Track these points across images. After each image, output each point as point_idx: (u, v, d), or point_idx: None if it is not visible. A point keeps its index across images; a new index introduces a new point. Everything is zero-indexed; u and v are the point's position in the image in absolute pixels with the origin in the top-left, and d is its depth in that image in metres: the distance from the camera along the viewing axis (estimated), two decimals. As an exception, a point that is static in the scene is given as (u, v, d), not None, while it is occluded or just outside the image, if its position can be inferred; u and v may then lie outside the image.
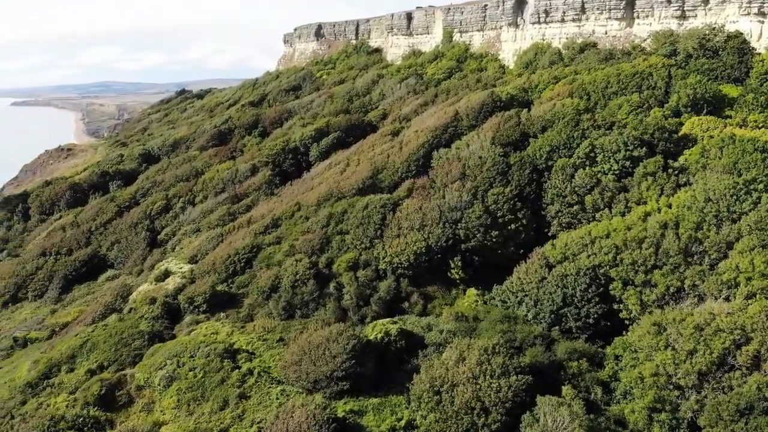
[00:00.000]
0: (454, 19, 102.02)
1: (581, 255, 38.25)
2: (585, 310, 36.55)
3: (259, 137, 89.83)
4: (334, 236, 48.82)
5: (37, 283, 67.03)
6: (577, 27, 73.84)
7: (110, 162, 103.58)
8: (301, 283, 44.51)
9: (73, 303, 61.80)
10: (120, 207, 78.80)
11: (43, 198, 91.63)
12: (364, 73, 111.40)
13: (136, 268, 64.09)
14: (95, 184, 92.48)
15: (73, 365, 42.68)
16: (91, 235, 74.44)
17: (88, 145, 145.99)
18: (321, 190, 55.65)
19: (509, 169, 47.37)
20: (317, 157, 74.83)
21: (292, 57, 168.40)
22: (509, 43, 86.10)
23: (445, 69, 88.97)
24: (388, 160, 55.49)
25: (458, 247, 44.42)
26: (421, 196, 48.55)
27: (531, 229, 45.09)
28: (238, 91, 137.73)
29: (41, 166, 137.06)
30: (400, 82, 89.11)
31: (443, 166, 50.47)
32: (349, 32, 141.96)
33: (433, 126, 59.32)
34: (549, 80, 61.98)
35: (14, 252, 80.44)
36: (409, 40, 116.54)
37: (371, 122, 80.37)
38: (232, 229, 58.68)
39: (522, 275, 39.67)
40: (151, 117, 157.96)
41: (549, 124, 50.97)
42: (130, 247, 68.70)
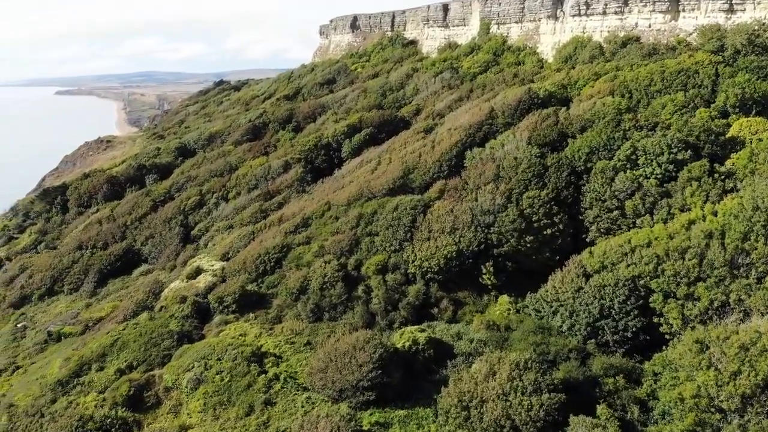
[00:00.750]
0: (492, 10, 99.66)
1: (620, 264, 36.55)
2: (623, 323, 34.95)
3: (292, 132, 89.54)
4: (363, 237, 48.05)
5: (73, 277, 68.14)
6: (620, 20, 71.04)
7: (147, 155, 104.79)
8: (329, 285, 43.91)
9: (108, 297, 62.59)
10: (155, 201, 79.54)
11: (81, 190, 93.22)
12: (399, 66, 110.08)
13: (169, 264, 64.53)
14: (132, 178, 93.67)
15: (104, 364, 43.01)
16: (126, 229, 75.32)
17: (127, 137, 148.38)
18: (351, 190, 54.87)
19: (546, 170, 45.71)
20: (349, 153, 74.19)
21: (327, 49, 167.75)
22: (548, 36, 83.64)
23: (481, 63, 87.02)
24: (419, 160, 54.31)
25: (490, 252, 43.11)
26: (452, 198, 47.30)
27: (568, 234, 43.44)
28: (274, 84, 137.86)
29: (81, 158, 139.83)
30: (434, 77, 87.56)
31: (476, 167, 49.08)
32: (384, 24, 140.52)
33: (467, 124, 57.84)
34: (589, 76, 59.71)
35: (52, 244, 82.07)
36: (445, 32, 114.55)
37: (404, 118, 79.15)
38: (264, 227, 58.46)
39: (557, 284, 38.18)
40: (188, 109, 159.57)
41: (588, 123, 49.00)
42: (164, 242, 69.23)
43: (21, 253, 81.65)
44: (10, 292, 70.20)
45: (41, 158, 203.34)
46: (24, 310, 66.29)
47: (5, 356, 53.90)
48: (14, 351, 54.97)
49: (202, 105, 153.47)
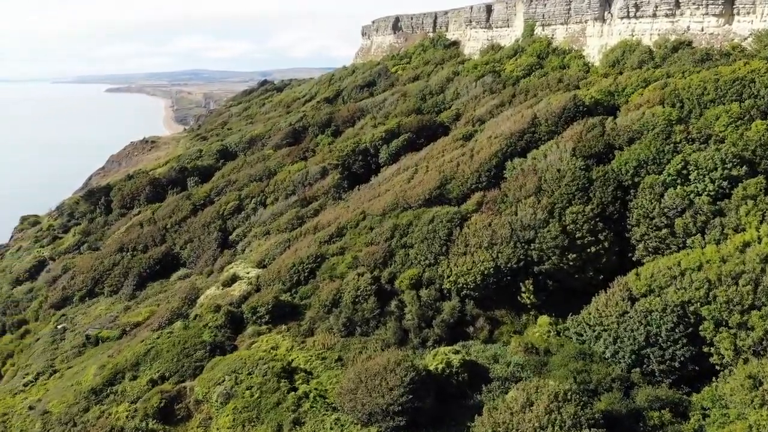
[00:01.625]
0: (536, 11, 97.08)
1: (669, 288, 34.43)
2: (670, 352, 32.87)
3: (331, 136, 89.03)
4: (397, 250, 46.90)
5: (113, 279, 69.06)
6: (671, 23, 67.86)
7: (189, 157, 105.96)
8: (362, 299, 42.95)
9: (146, 301, 63.14)
10: (195, 205, 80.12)
11: (124, 192, 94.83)
12: (440, 69, 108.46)
13: (207, 269, 64.74)
14: (174, 180, 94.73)
15: (137, 373, 43.09)
16: (166, 232, 76.03)
17: (171, 137, 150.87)
18: (387, 199, 53.81)
19: (591, 184, 43.66)
20: (387, 159, 73.19)
21: (369, 50, 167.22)
22: (595, 38, 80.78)
23: (524, 66, 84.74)
24: (457, 169, 52.82)
25: (530, 270, 41.38)
26: (491, 211, 45.70)
27: (613, 252, 41.36)
28: (315, 86, 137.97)
29: (127, 157, 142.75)
30: (475, 80, 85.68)
31: (517, 179, 47.32)
32: (426, 25, 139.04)
33: (508, 132, 56.03)
34: (638, 83, 57.06)
35: (94, 245, 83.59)
36: (488, 34, 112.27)
37: (443, 123, 77.70)
38: (299, 235, 57.98)
39: (601, 307, 36.27)
40: (231, 110, 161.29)
41: (637, 135, 46.60)
42: (202, 247, 69.55)
43: (64, 254, 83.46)
44: (52, 293, 71.72)
45: (89, 156, 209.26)
46: (65, 311, 67.54)
47: (44, 359, 54.83)
48: (53, 354, 55.87)
49: (245, 106, 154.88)
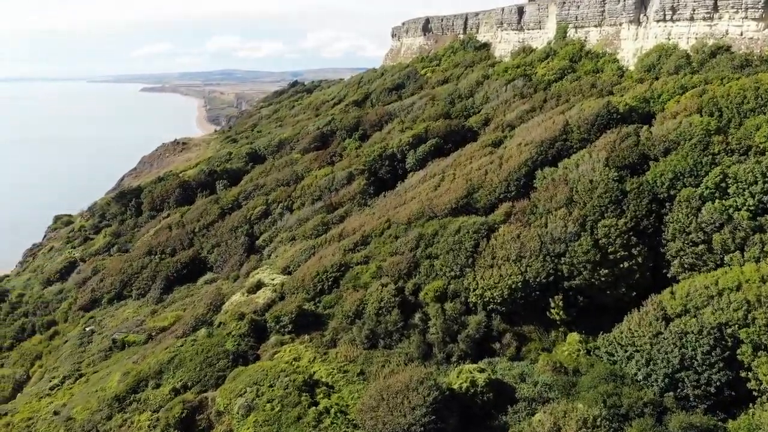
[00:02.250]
0: (569, 13, 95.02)
1: (705, 309, 32.86)
2: (706, 376, 31.34)
3: (358, 141, 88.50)
4: (422, 260, 45.99)
5: (141, 282, 69.66)
6: (708, 26, 65.41)
7: (219, 159, 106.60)
8: (385, 311, 42.18)
9: (173, 305, 63.46)
10: (223, 209, 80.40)
11: (154, 194, 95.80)
12: (470, 71, 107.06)
13: (233, 274, 64.74)
14: (203, 183, 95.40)
15: (160, 381, 43.03)
16: (194, 236, 76.43)
17: (201, 139, 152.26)
18: (412, 207, 52.92)
19: (624, 196, 42.14)
20: (413, 164, 72.30)
21: (398, 52, 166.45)
22: (629, 41, 78.56)
23: (556, 69, 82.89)
24: (485, 178, 51.65)
25: (560, 285, 40.08)
26: (519, 223, 44.46)
27: (647, 268, 39.80)
28: (344, 89, 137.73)
29: (158, 158, 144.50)
30: (506, 84, 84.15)
31: (547, 189, 45.98)
32: (457, 27, 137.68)
33: (539, 139, 54.61)
34: (674, 90, 55.04)
35: (124, 247, 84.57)
36: (520, 36, 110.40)
37: (472, 128, 76.38)
38: (324, 242, 57.49)
39: (633, 326, 34.85)
40: (261, 112, 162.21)
41: (673, 145, 44.81)
42: (229, 252, 69.66)
43: (95, 255, 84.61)
44: (81, 295, 72.72)
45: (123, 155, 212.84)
46: (93, 313, 68.38)
47: (70, 362, 55.43)
48: (80, 357, 56.47)
49: (274, 108, 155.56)
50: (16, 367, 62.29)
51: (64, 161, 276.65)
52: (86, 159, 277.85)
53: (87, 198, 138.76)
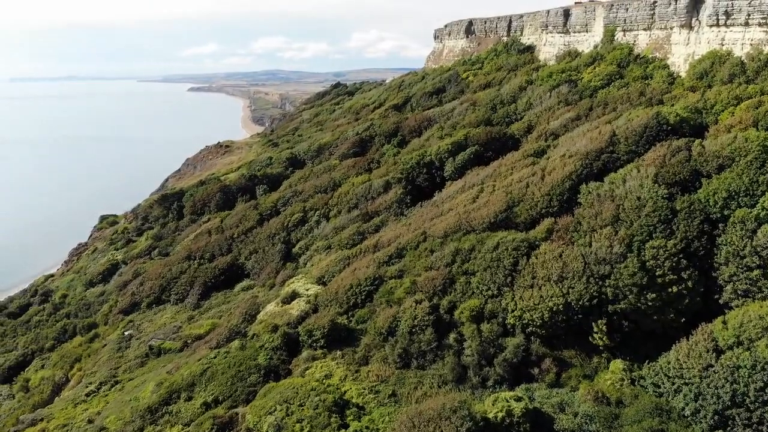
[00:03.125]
0: (617, 16, 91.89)
1: (760, 342, 30.60)
2: (758, 415, 29.17)
3: (397, 147, 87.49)
4: (458, 277, 44.56)
5: (180, 287, 70.18)
6: (765, 33, 61.84)
7: (259, 164, 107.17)
8: (419, 329, 40.94)
9: (209, 311, 63.65)
10: (262, 215, 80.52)
11: (196, 198, 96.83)
12: (513, 76, 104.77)
13: (269, 281, 64.64)
14: (243, 187, 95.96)
15: (192, 393, 42.84)
16: (233, 242, 76.69)
17: (244, 142, 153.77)
18: (449, 220, 51.50)
19: (674, 216, 39.87)
20: (452, 172, 70.82)
21: (441, 54, 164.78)
22: (680, 46, 75.23)
23: (603, 75, 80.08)
24: (526, 191, 49.86)
25: (604, 308, 38.14)
26: (562, 240, 42.61)
27: (697, 293, 37.52)
28: (384, 93, 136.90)
29: (202, 161, 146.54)
30: (550, 90, 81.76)
31: (592, 205, 43.96)
32: (500, 29, 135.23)
33: (584, 150, 52.52)
34: (728, 100, 52.18)
35: (165, 250, 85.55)
36: (565, 39, 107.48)
37: (514, 135, 74.41)
38: (359, 253, 56.65)
39: (682, 357, 32.77)
40: (303, 115, 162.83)
41: (727, 162, 42.26)
42: (266, 259, 69.56)
43: (136, 258, 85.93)
44: (122, 298, 73.75)
45: (171, 154, 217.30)
46: (132, 317, 69.19)
47: (108, 367, 56.02)
48: (117, 362, 57.04)
49: (316, 112, 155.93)
50: (56, 369, 63.43)
51: (113, 161, 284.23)
52: (134, 159, 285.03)
53: (133, 198, 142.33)
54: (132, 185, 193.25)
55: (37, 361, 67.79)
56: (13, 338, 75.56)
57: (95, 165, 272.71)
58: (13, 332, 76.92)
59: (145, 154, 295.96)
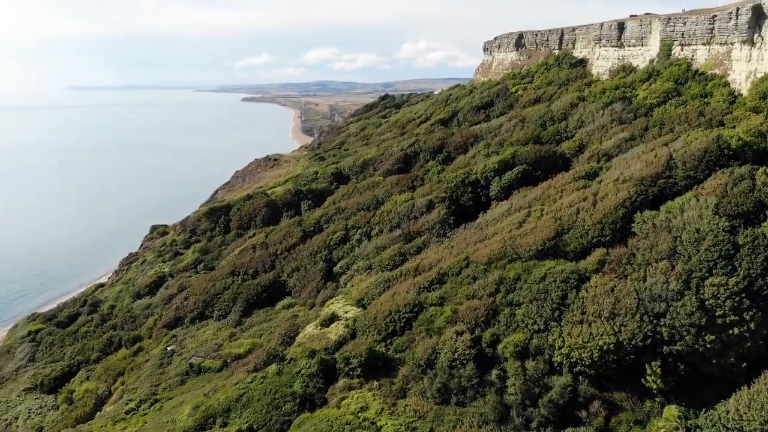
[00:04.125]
0: (675, 30, 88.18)
1: (837, 398, 27.77)
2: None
3: (441, 164, 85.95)
4: (502, 308, 42.68)
5: (223, 303, 70.30)
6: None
7: (305, 179, 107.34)
8: (459, 363, 39.31)
9: (251, 329, 63.43)
10: (305, 231, 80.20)
11: (242, 212, 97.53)
12: (564, 90, 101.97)
13: (309, 301, 64.06)
14: (288, 202, 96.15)
15: (227, 419, 42.37)
16: (276, 258, 76.56)
17: (292, 155, 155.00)
18: (494, 246, 49.64)
19: (737, 251, 37.10)
20: (498, 192, 68.84)
21: (490, 66, 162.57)
22: (742, 63, 71.26)
23: (659, 92, 76.70)
24: (576, 218, 47.61)
25: (658, 349, 35.69)
26: (614, 273, 40.28)
27: (761, 336, 34.67)
28: (431, 107, 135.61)
29: (250, 174, 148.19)
30: (603, 108, 78.81)
31: (647, 236, 41.47)
32: (552, 42, 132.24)
33: (639, 175, 49.91)
34: (798, 123, 48.75)
35: (210, 264, 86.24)
36: (619, 53, 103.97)
37: (564, 155, 71.83)
38: (399, 275, 55.40)
39: (742, 407, 30.17)
40: (350, 128, 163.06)
41: (797, 192, 39.24)
42: (307, 277, 69.01)
43: (182, 271, 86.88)
44: (166, 312, 74.42)
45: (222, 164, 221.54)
46: (176, 331, 69.61)
47: (148, 384, 56.25)
48: (158, 379, 57.26)
49: (362, 125, 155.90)
50: (99, 381, 64.30)
51: (167, 169, 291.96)
52: (186, 167, 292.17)
53: (186, 206, 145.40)
54: (184, 194, 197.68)
55: (83, 372, 68.94)
56: (61, 348, 77.25)
57: (151, 173, 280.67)
58: (61, 342, 78.66)
59: (198, 163, 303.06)
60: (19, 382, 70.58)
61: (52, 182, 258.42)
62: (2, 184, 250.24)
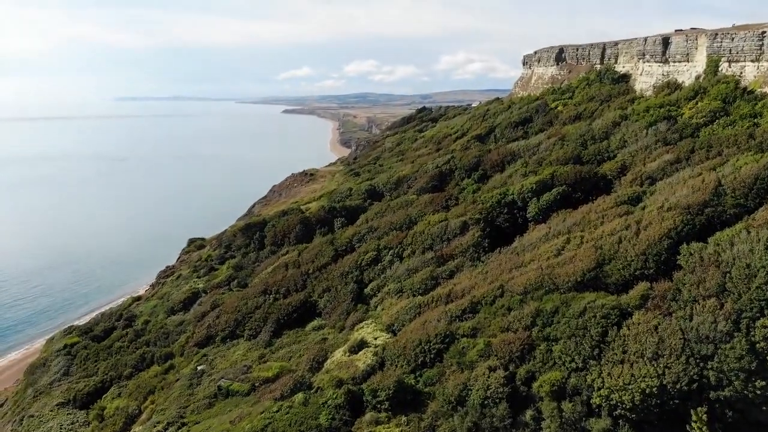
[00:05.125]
0: (722, 46, 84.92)
1: None
2: None
3: (477, 182, 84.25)
4: (539, 343, 40.72)
5: (254, 323, 69.83)
6: None
7: (339, 195, 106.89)
8: (492, 402, 37.50)
9: (280, 351, 62.73)
10: (337, 250, 79.38)
11: (277, 229, 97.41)
12: (605, 107, 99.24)
13: (339, 324, 63.04)
14: (322, 219, 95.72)
15: (251, 450, 41.41)
16: (307, 277, 75.88)
17: (327, 170, 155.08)
18: (530, 275, 47.70)
19: (791, 290, 34.56)
20: (536, 214, 66.82)
21: (529, 80, 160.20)
22: (798, 81, 67.90)
23: (706, 112, 73.59)
24: (618, 247, 45.37)
25: (705, 394, 33.31)
26: (658, 310, 37.98)
27: (819, 385, 32.06)
28: (467, 122, 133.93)
29: (287, 188, 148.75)
30: (646, 128, 75.96)
31: (694, 271, 39.06)
32: (593, 56, 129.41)
33: (685, 203, 47.42)
34: None
35: (243, 281, 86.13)
36: (664, 68, 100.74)
37: (605, 176, 69.36)
38: (431, 301, 53.89)
39: (801, 466, 27.66)
40: (385, 143, 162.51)
41: None
42: (338, 299, 68.05)
43: (216, 288, 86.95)
44: (198, 330, 74.34)
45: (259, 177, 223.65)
46: (206, 350, 69.38)
47: (177, 405, 55.83)
48: (186, 400, 56.80)
49: (398, 140, 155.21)
50: (130, 399, 64.34)
51: (207, 180, 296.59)
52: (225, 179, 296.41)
53: (223, 220, 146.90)
54: (223, 206, 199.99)
55: (115, 388, 69.16)
56: (95, 362, 77.86)
57: (191, 183, 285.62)
58: (95, 356, 79.32)
59: (236, 174, 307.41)
60: (52, 396, 71.29)
61: (97, 192, 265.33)
62: (49, 195, 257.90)
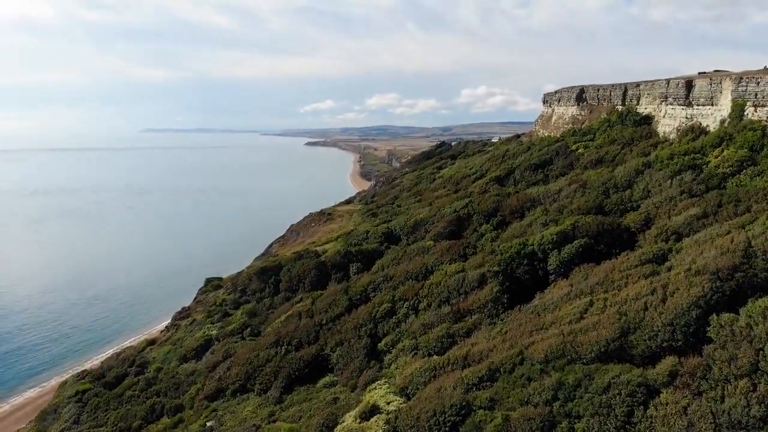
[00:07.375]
0: (747, 90, 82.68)
1: None
2: None
3: (495, 229, 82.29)
4: (560, 419, 38.20)
5: (264, 377, 68.03)
6: None
7: (356, 238, 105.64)
8: (510, 487, 35.06)
9: (290, 409, 60.71)
10: (351, 300, 77.63)
11: (292, 274, 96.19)
12: (627, 151, 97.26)
13: (351, 382, 60.93)
14: (338, 264, 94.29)
15: None
16: (320, 329, 74.11)
17: (345, 210, 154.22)
18: (551, 340, 45.31)
19: (834, 374, 31.90)
20: (557, 266, 64.44)
21: (549, 119, 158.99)
22: (831, 130, 65.32)
23: (732, 161, 71.15)
24: (644, 315, 42.91)
25: (740, 489, 30.60)
26: (688, 389, 35.37)
27: None
28: (486, 162, 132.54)
29: (305, 228, 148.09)
30: (671, 177, 73.62)
31: (725, 346, 36.49)
32: (614, 97, 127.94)
33: (713, 266, 44.90)
34: None
35: (257, 329, 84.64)
36: (687, 111, 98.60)
37: (629, 228, 66.92)
38: (446, 363, 51.55)
39: None
40: (404, 181, 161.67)
41: None
42: (351, 354, 66.01)
43: (229, 336, 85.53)
44: (209, 382, 72.73)
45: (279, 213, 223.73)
46: (216, 404, 67.69)
47: (183, 470, 53.99)
48: (193, 464, 54.95)
49: (416, 179, 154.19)
50: (138, 457, 62.58)
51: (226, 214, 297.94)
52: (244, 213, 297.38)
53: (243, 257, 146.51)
54: (243, 242, 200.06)
55: (123, 442, 67.60)
56: (105, 412, 76.52)
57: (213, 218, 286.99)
58: (106, 405, 78.03)
59: (258, 208, 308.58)
60: (61, 449, 69.95)
61: (121, 226, 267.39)
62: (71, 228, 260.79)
